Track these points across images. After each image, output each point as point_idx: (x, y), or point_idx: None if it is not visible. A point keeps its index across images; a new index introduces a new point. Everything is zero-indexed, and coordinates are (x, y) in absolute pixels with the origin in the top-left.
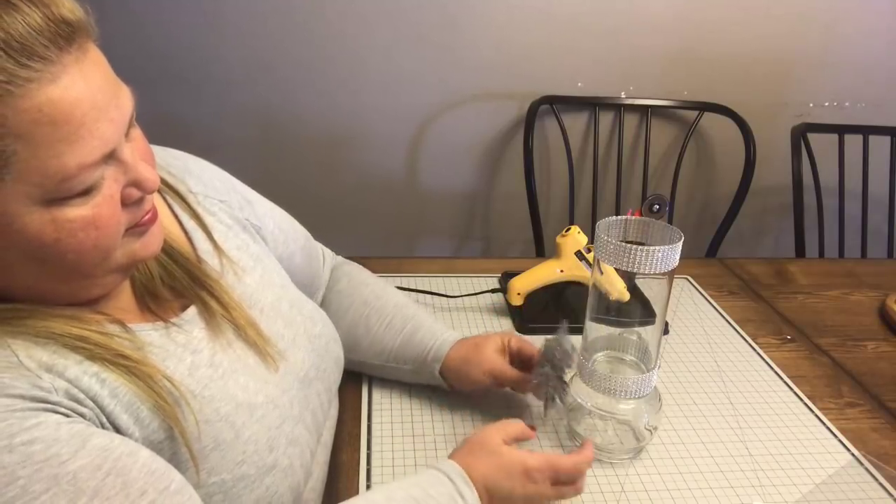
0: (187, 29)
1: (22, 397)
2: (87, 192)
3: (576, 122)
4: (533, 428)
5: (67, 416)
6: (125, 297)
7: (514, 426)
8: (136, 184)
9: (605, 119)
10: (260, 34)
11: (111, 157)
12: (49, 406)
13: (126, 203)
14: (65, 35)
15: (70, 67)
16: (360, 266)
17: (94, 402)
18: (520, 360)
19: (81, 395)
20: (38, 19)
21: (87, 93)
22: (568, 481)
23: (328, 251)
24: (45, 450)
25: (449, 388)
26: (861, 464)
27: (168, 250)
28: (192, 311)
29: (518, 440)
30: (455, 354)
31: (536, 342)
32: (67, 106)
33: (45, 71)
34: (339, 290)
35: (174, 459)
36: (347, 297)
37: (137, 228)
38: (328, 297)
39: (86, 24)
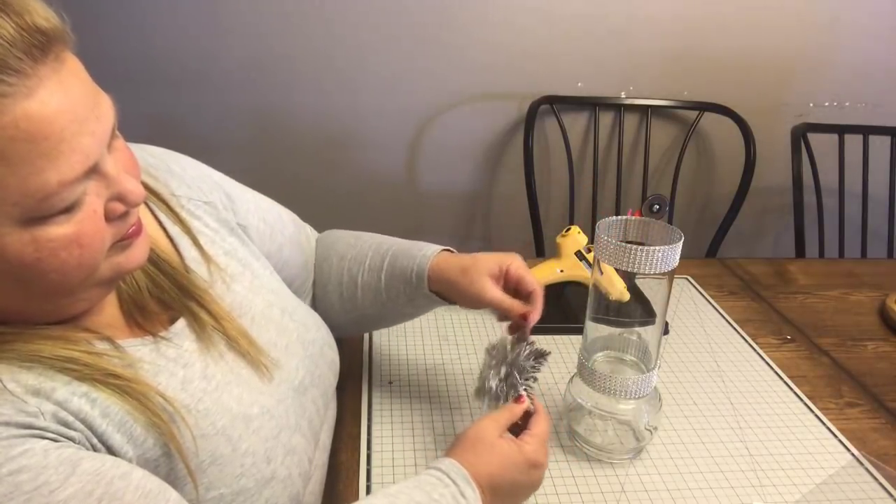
0: (186, 29)
1: (7, 424)
2: (69, 209)
3: (576, 122)
4: (519, 400)
5: (56, 440)
6: (112, 311)
7: (504, 415)
8: (120, 197)
9: (605, 119)
10: (259, 34)
11: (93, 170)
12: (36, 432)
13: (110, 217)
14: (40, 45)
15: (46, 80)
16: (331, 230)
17: (85, 423)
18: (515, 291)
19: (70, 418)
20: (10, 30)
21: (66, 105)
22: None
23: (312, 229)
24: (33, 479)
25: (452, 304)
26: (861, 464)
27: (155, 260)
28: (182, 323)
29: (511, 423)
30: (439, 275)
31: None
32: (45, 120)
33: (21, 85)
34: (317, 259)
35: (171, 476)
36: (326, 261)
37: (122, 242)
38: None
39: (62, 32)
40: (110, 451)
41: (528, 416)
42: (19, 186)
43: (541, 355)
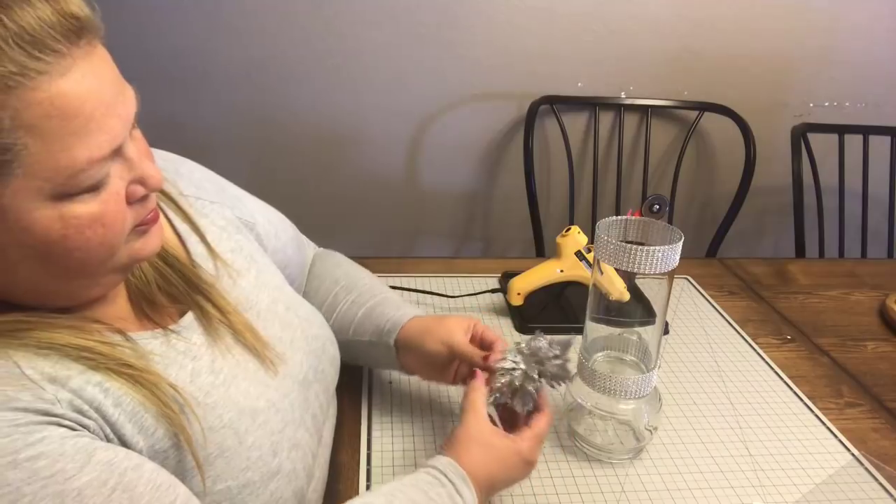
0: (185, 28)
1: (25, 410)
2: (94, 187)
3: (576, 122)
4: (488, 372)
5: (73, 429)
6: (122, 304)
7: (477, 396)
8: (140, 181)
9: (605, 119)
10: (259, 34)
11: (117, 153)
12: (53, 419)
13: (131, 200)
14: (74, 30)
15: (80, 62)
16: (336, 252)
17: (98, 412)
18: (481, 346)
19: (85, 407)
20: (48, 13)
21: (96, 87)
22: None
23: (310, 241)
24: (50, 465)
25: (401, 369)
26: (861, 464)
27: (163, 255)
28: (190, 317)
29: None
30: (414, 326)
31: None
32: (77, 99)
33: (56, 64)
34: (312, 272)
35: (179, 467)
36: (318, 278)
37: (140, 227)
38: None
39: (94, 22)
40: (122, 440)
41: (529, 413)
42: (49, 162)
43: (564, 372)
